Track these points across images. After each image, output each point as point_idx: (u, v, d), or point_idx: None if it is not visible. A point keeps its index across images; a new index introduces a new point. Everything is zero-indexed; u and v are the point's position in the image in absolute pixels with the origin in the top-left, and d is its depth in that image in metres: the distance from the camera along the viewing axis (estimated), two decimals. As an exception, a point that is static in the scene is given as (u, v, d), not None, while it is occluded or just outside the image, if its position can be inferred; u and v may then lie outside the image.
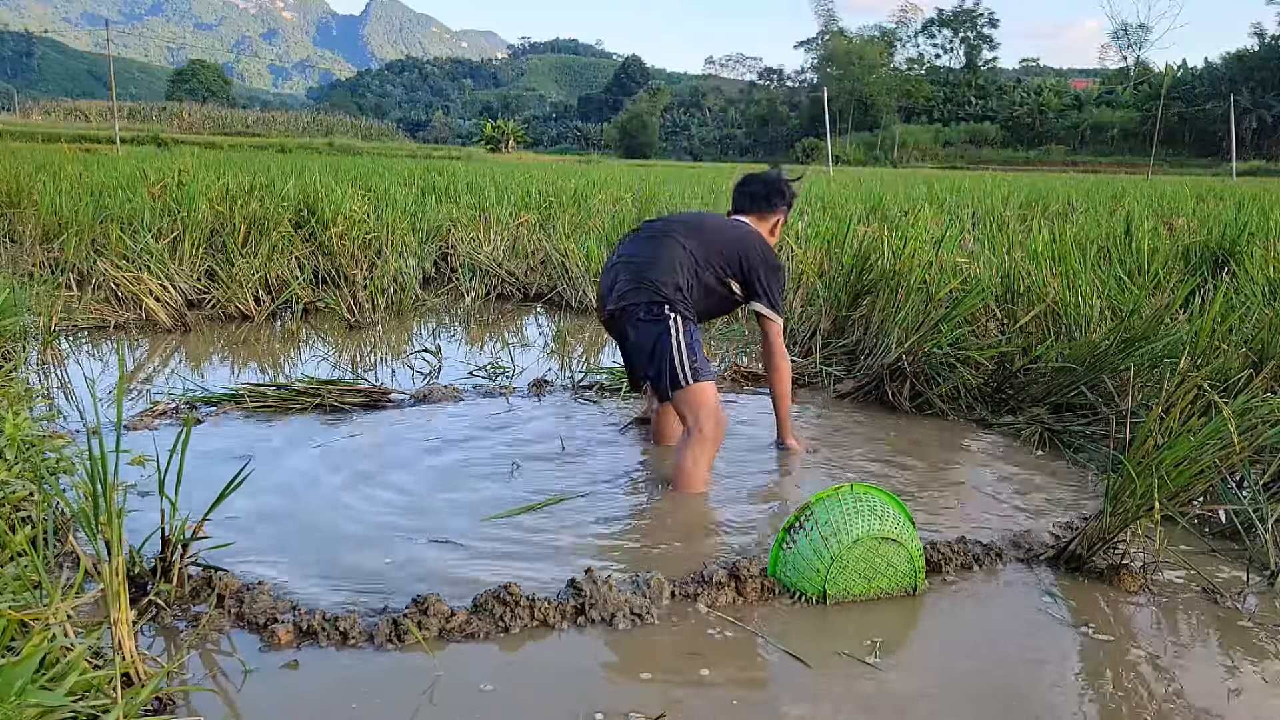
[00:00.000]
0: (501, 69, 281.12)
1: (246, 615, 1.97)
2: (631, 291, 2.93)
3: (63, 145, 19.78)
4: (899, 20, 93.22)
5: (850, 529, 2.16)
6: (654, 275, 2.93)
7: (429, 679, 1.80)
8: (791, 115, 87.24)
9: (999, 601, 2.25)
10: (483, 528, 2.58)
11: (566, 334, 5.57)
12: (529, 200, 10.00)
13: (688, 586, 2.17)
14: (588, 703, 1.73)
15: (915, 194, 13.04)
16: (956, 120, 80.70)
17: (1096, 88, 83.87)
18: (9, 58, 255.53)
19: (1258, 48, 67.30)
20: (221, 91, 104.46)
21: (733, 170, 30.30)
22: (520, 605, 2.02)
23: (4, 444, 2.32)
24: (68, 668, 1.46)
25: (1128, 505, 2.30)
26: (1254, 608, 2.24)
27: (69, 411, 3.51)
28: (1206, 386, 2.94)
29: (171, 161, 11.53)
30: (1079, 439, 3.42)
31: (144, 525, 2.09)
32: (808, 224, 7.45)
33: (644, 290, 2.91)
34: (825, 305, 4.74)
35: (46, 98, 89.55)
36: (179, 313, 5.31)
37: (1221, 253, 6.02)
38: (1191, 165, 57.38)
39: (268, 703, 1.71)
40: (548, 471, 3.07)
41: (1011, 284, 4.46)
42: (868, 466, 3.22)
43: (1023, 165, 61.18)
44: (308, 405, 3.65)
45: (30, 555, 1.70)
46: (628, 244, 3.12)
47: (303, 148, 37.64)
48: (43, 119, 57.63)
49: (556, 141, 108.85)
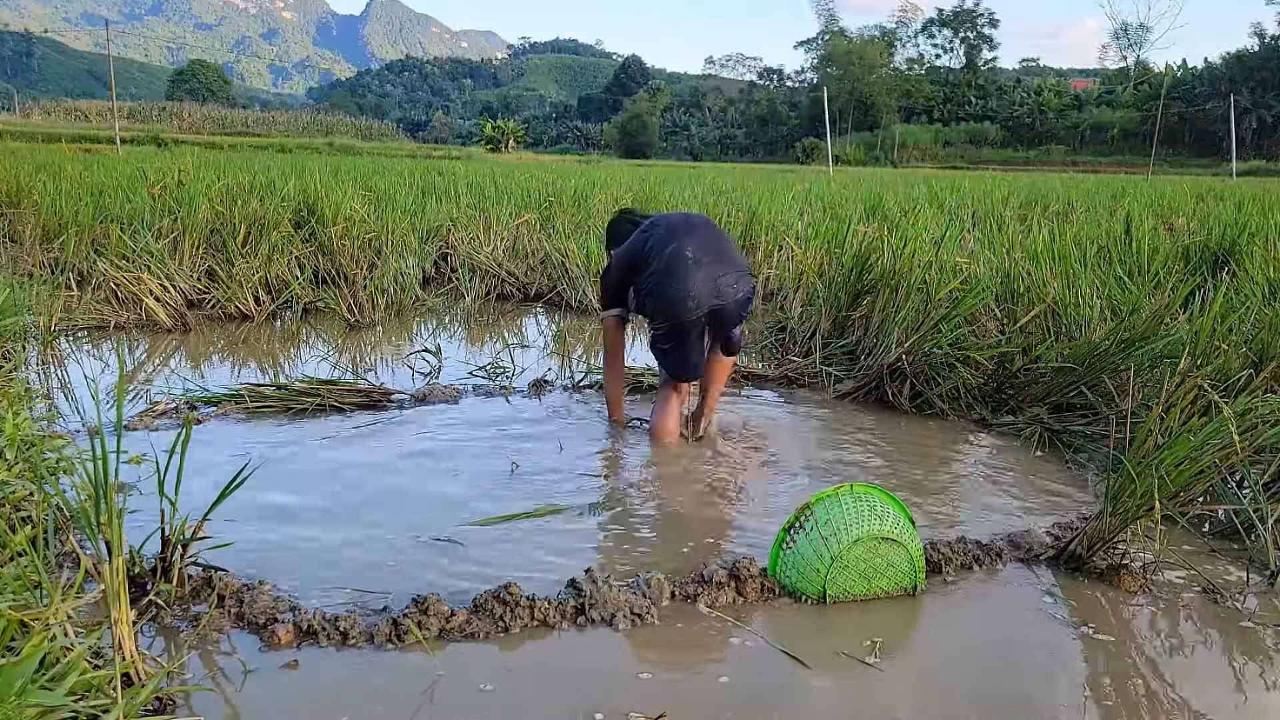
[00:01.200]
0: (501, 69, 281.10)
1: (246, 615, 1.97)
2: (741, 280, 3.19)
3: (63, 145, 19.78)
4: (899, 20, 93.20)
5: (850, 529, 2.16)
6: (739, 258, 3.26)
7: (429, 679, 1.80)
8: (791, 115, 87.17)
9: (999, 601, 2.25)
10: (483, 528, 2.58)
11: (566, 334, 5.57)
12: (529, 200, 10.00)
13: (688, 586, 2.17)
14: (588, 703, 1.73)
15: (915, 194, 13.04)
16: (956, 120, 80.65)
17: (1096, 88, 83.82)
18: (9, 58, 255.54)
19: (1258, 48, 67.26)
20: (221, 91, 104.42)
21: (733, 170, 30.35)
22: (520, 605, 2.02)
23: (4, 444, 2.32)
24: (68, 668, 1.46)
25: (1128, 505, 2.30)
26: (1254, 608, 2.24)
27: (69, 411, 3.51)
28: (1206, 386, 2.94)
29: (171, 161, 11.53)
30: (1079, 439, 3.42)
31: (144, 525, 2.09)
32: (808, 224, 7.46)
33: (745, 275, 3.22)
34: (825, 305, 4.74)
35: (46, 98, 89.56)
36: (179, 313, 5.31)
37: (1221, 253, 6.02)
38: (1191, 165, 57.36)
39: (268, 703, 1.71)
40: (548, 471, 3.07)
41: (1011, 284, 4.46)
42: (868, 466, 3.22)
43: (1023, 165, 61.17)
44: (308, 405, 3.65)
45: (30, 555, 1.70)
46: (687, 238, 3.18)
47: (303, 148, 37.63)
48: (43, 119, 57.64)
49: (556, 141, 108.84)
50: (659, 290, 3.12)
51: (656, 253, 3.16)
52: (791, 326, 5.05)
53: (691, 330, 3.19)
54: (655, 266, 3.14)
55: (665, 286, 3.10)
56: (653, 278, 3.14)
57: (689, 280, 3.09)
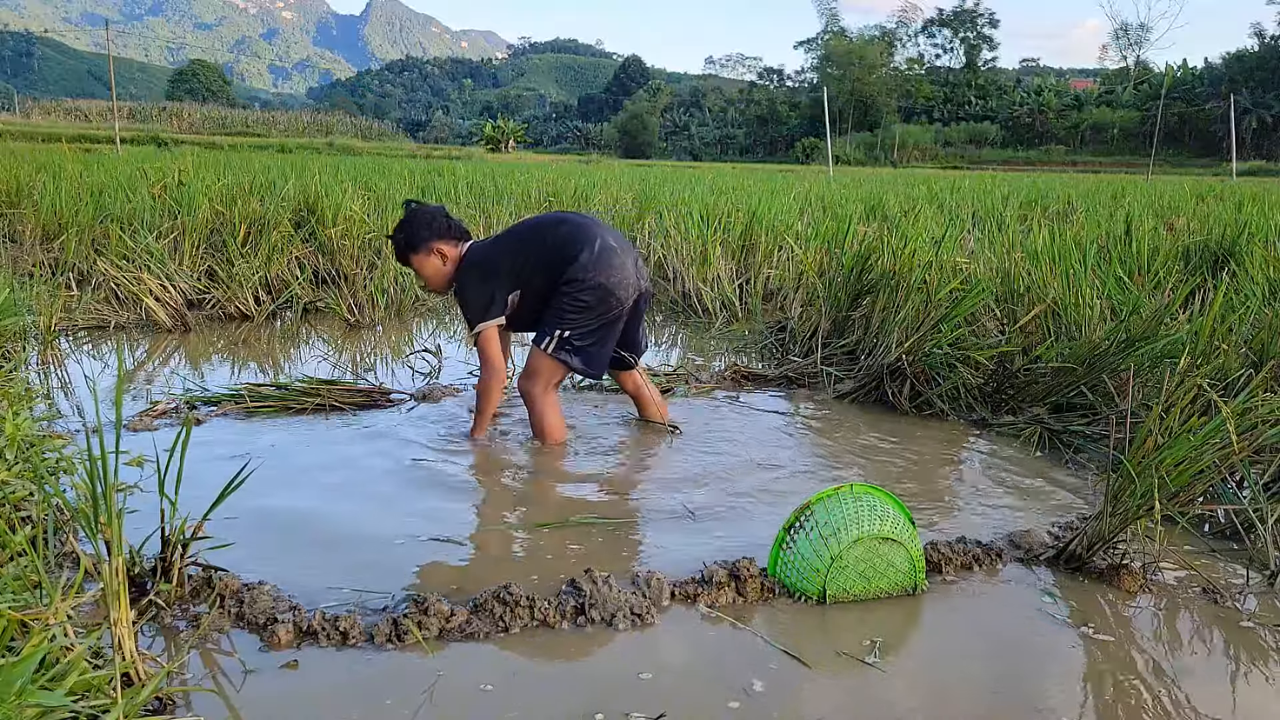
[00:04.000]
0: (501, 69, 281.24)
1: (246, 615, 1.97)
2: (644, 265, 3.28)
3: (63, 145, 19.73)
4: (899, 20, 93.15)
5: (850, 529, 2.16)
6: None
7: (429, 679, 1.80)
8: (791, 115, 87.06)
9: (999, 601, 2.25)
10: (483, 528, 2.59)
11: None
12: (529, 200, 10.00)
13: (688, 586, 2.17)
14: (587, 703, 1.73)
15: (915, 194, 13.03)
16: (956, 120, 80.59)
17: (1096, 88, 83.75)
18: (9, 58, 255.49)
19: (1257, 48, 67.25)
20: (221, 91, 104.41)
21: (733, 170, 30.30)
22: (520, 605, 2.02)
23: (4, 444, 2.32)
24: (68, 668, 1.46)
25: (1128, 505, 2.30)
26: (1254, 608, 2.24)
27: (69, 411, 3.51)
28: (1206, 386, 2.94)
29: (171, 161, 11.52)
30: (1079, 439, 3.42)
31: (144, 525, 2.09)
32: (808, 224, 7.45)
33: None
34: (825, 305, 4.74)
35: (46, 98, 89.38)
36: (179, 313, 5.31)
37: (1221, 253, 6.01)
38: (1191, 165, 57.29)
39: (268, 703, 1.71)
40: (548, 471, 3.07)
41: (1011, 284, 4.46)
42: (868, 466, 3.22)
43: (1023, 165, 61.08)
44: (308, 405, 3.65)
45: (30, 555, 1.70)
46: (602, 229, 3.25)
47: (303, 148, 37.57)
48: (43, 119, 57.53)
49: (556, 141, 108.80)
50: (597, 282, 3.12)
51: (584, 245, 3.14)
52: (791, 326, 5.05)
53: (618, 321, 3.23)
54: (586, 259, 3.12)
55: (605, 276, 3.13)
56: (586, 271, 3.12)
57: (625, 268, 3.17)
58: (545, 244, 3.21)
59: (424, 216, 3.31)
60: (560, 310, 3.16)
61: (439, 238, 3.29)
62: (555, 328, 3.18)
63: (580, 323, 3.17)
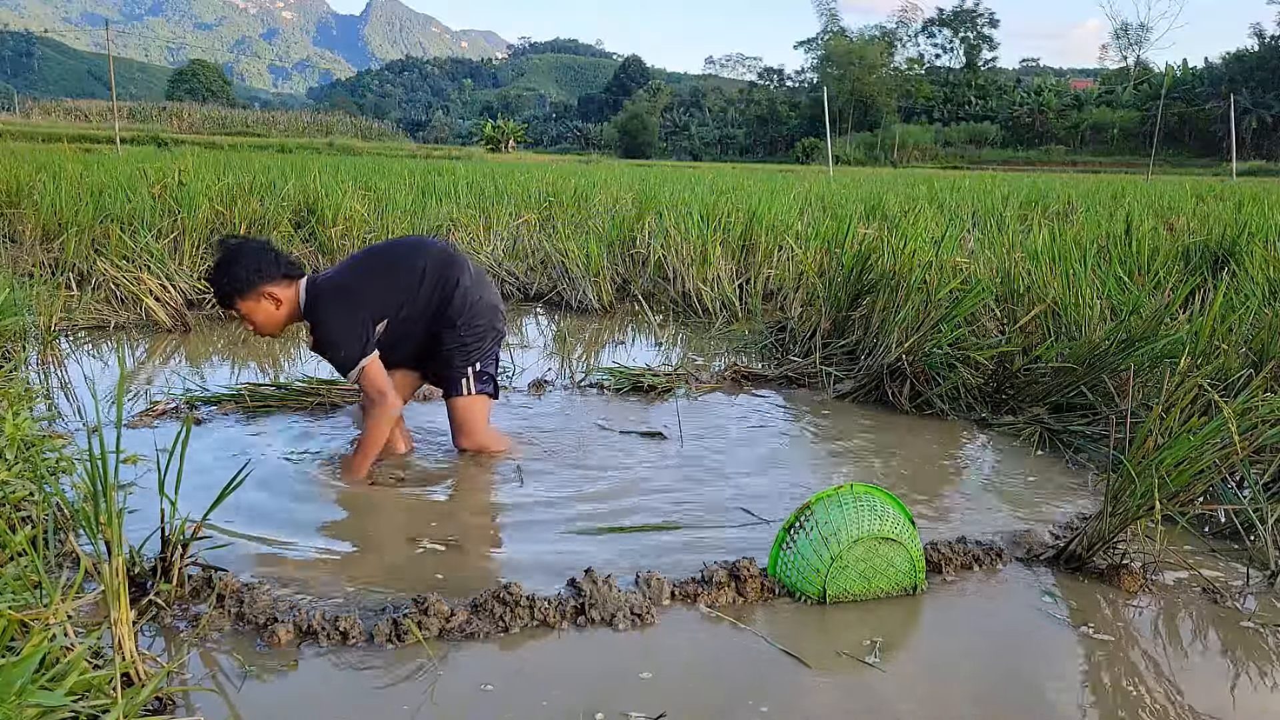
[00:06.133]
0: (501, 69, 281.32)
1: (246, 615, 1.97)
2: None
3: (63, 145, 19.73)
4: (899, 20, 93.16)
5: (850, 529, 2.16)
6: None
7: (429, 679, 1.80)
8: (791, 115, 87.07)
9: (999, 601, 2.25)
10: (483, 527, 2.58)
11: (566, 334, 5.57)
12: (529, 200, 10.00)
13: (688, 586, 2.17)
14: (588, 702, 1.73)
15: (915, 194, 13.03)
16: (956, 120, 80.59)
17: (1096, 88, 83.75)
18: (9, 58, 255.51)
19: (1257, 48, 67.25)
20: (221, 91, 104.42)
21: (733, 170, 30.31)
22: (520, 605, 2.02)
23: (4, 444, 2.32)
24: (68, 668, 1.46)
25: (1128, 505, 2.30)
26: (1254, 608, 2.24)
27: (69, 411, 3.51)
28: (1206, 386, 2.94)
29: (171, 161, 11.51)
30: (1079, 439, 3.42)
31: (144, 525, 2.09)
32: (808, 224, 7.46)
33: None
34: (825, 305, 4.74)
35: (46, 98, 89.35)
36: (179, 312, 5.31)
37: (1221, 253, 6.01)
38: (1191, 165, 57.30)
39: (268, 703, 1.71)
40: (547, 471, 3.07)
41: (1011, 284, 4.46)
42: (868, 466, 3.22)
43: (1023, 165, 61.08)
44: (308, 404, 3.65)
45: (30, 555, 1.70)
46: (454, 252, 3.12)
47: (303, 148, 37.56)
48: (43, 119, 57.53)
49: (556, 141, 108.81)
50: (488, 303, 3.09)
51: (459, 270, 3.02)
52: (791, 326, 5.05)
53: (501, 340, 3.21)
54: (467, 282, 3.02)
55: (489, 295, 3.12)
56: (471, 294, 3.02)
57: (486, 291, 3.13)
58: (415, 269, 2.97)
59: (248, 256, 2.84)
60: (461, 344, 3.03)
61: (267, 280, 2.85)
62: (466, 365, 3.04)
63: (483, 349, 3.08)
